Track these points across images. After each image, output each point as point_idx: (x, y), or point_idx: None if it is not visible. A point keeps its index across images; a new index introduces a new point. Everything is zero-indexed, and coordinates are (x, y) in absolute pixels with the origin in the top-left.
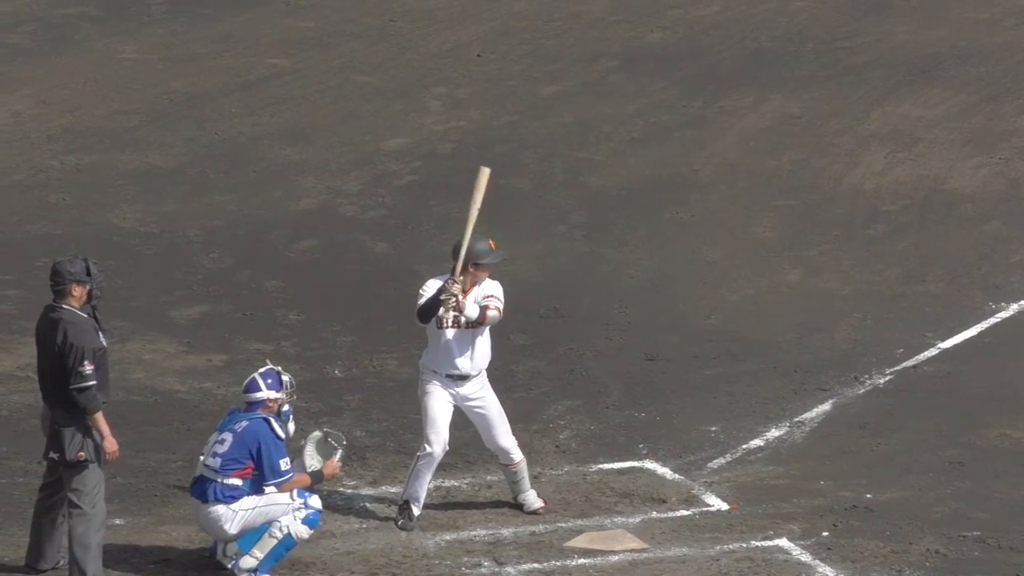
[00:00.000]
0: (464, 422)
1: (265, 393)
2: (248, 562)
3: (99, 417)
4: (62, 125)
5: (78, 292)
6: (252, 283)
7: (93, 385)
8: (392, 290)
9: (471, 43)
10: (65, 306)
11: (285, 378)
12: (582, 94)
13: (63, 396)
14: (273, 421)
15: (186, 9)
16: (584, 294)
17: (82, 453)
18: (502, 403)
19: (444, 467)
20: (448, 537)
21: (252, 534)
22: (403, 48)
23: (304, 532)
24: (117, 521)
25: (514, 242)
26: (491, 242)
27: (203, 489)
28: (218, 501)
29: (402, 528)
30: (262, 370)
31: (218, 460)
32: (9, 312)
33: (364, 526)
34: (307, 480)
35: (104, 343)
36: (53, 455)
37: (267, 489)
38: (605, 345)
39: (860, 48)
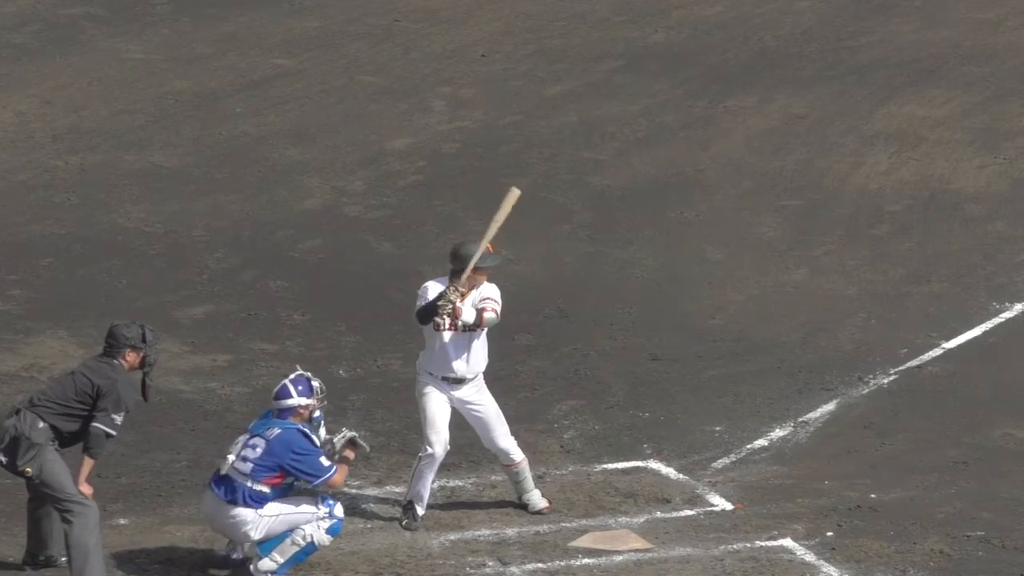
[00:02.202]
0: (465, 423)
1: (296, 400)
2: (267, 564)
3: (91, 463)
4: (67, 125)
5: (131, 357)
6: (257, 283)
7: (112, 437)
8: (397, 290)
9: (475, 43)
10: (119, 362)
11: (315, 384)
12: (587, 94)
13: (59, 417)
14: (306, 429)
15: (191, 9)
16: (588, 294)
17: (29, 469)
18: (506, 403)
19: (448, 467)
20: (452, 537)
21: (273, 539)
22: (407, 48)
23: (326, 540)
24: (121, 521)
25: (518, 242)
26: (489, 245)
27: (231, 489)
28: (246, 505)
29: (406, 528)
30: (292, 376)
31: (249, 465)
32: (13, 312)
33: (368, 526)
34: (347, 470)
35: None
36: (2, 458)
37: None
38: (609, 345)
39: (864, 48)
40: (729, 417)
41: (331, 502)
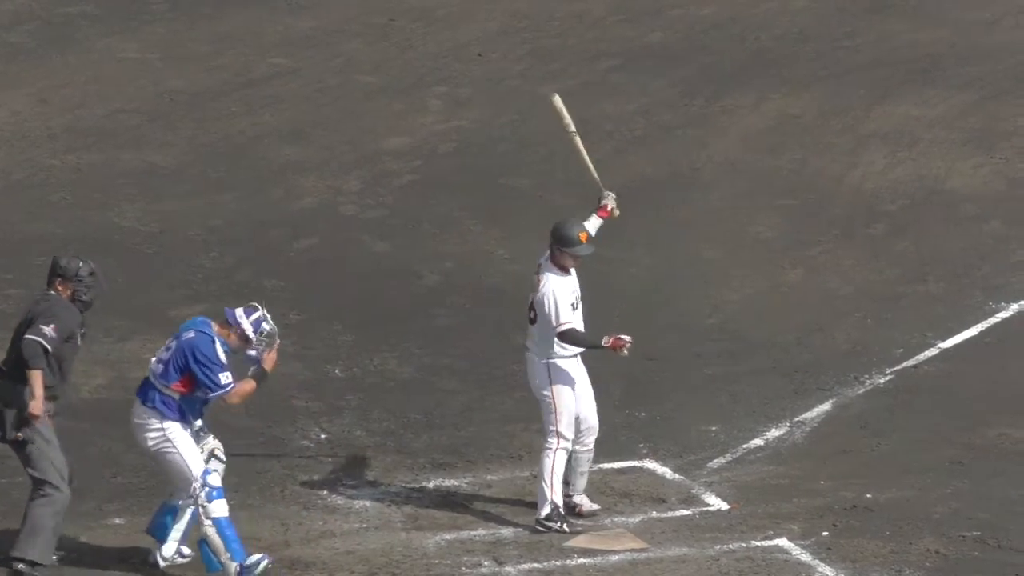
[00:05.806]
0: (461, 422)
1: (237, 318)
2: (231, 567)
3: (37, 375)
4: (63, 124)
5: (61, 289)
6: (252, 282)
7: (45, 347)
8: (392, 289)
9: (472, 42)
10: (54, 292)
11: (266, 326)
12: (583, 93)
13: (17, 366)
14: (219, 341)
15: (187, 8)
16: (584, 293)
17: (20, 434)
18: (504, 402)
19: (444, 467)
20: (448, 537)
21: (203, 551)
22: (403, 47)
23: (220, 508)
24: (116, 520)
25: (515, 241)
26: (583, 235)
27: (144, 390)
28: (155, 408)
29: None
30: (249, 307)
31: (160, 366)
32: (8, 311)
33: (364, 526)
34: (253, 385)
35: (78, 341)
36: None
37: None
38: None
39: (860, 48)
40: (725, 417)
41: (208, 470)
